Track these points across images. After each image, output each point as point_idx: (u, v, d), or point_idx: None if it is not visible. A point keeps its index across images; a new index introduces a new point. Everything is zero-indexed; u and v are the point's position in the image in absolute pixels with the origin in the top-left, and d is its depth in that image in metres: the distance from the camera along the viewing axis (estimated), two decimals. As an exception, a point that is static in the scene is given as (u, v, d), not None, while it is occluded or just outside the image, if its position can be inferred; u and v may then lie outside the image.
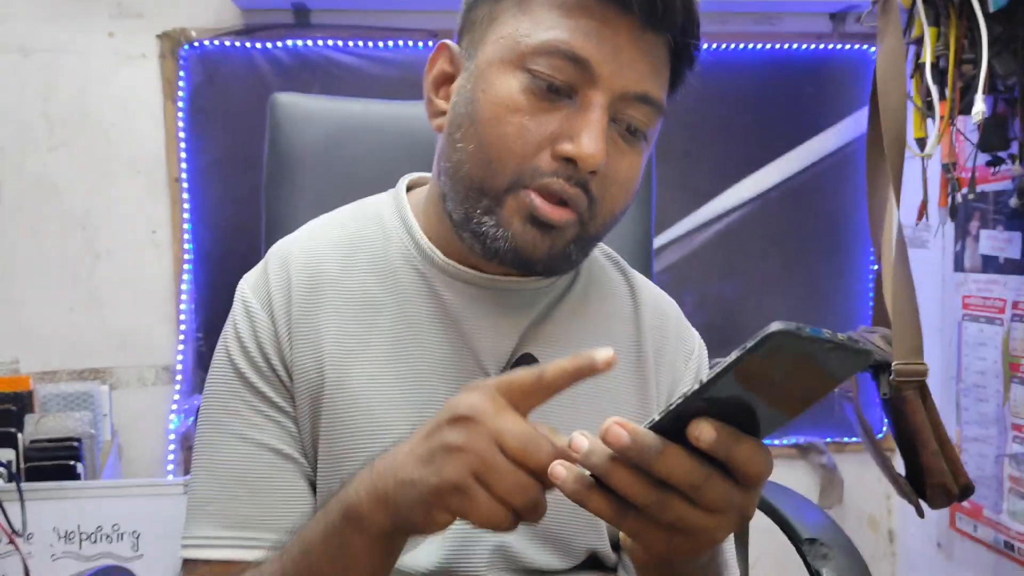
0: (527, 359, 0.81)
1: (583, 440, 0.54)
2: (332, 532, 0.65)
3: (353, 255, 0.84)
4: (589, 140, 0.71)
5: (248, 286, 0.84)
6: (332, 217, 0.90)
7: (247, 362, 0.80)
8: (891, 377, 1.37)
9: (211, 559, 0.77)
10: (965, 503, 1.80)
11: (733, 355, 0.48)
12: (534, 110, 0.73)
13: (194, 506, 0.80)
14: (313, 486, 0.81)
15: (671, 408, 0.52)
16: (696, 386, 0.50)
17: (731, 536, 0.90)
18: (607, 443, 0.52)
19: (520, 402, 0.59)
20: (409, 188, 0.91)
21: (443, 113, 0.81)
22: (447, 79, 0.81)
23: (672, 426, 0.52)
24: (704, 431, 0.50)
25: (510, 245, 0.75)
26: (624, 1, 0.71)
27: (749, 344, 0.47)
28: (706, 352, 0.94)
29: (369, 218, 0.87)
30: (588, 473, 0.55)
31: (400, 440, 0.65)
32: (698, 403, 0.51)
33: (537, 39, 0.73)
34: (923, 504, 1.50)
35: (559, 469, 0.55)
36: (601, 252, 0.94)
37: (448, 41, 0.82)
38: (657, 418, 0.52)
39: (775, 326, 0.46)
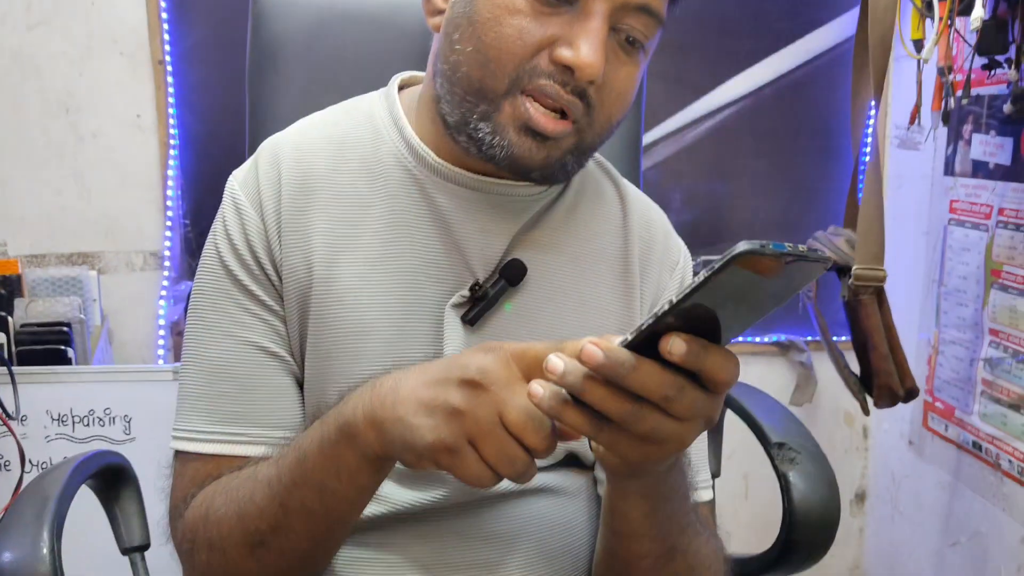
0: (515, 264, 0.82)
1: (558, 361, 0.55)
2: (327, 443, 0.68)
3: (344, 154, 0.84)
4: (588, 49, 0.71)
5: (238, 183, 0.84)
6: (323, 116, 0.89)
7: (236, 260, 0.81)
8: (850, 281, 1.39)
9: (201, 452, 0.80)
10: (938, 404, 1.85)
11: (701, 275, 0.50)
12: (534, 13, 0.72)
13: (184, 399, 0.82)
14: (300, 383, 0.83)
15: (643, 327, 0.53)
16: (667, 305, 0.52)
17: (705, 452, 0.93)
18: (582, 362, 0.53)
19: (533, 373, 0.60)
20: (401, 87, 0.89)
21: (441, 12, 0.80)
22: None
23: (645, 342, 0.54)
24: (675, 345, 0.52)
25: (506, 153, 0.75)
26: None
27: (716, 266, 0.48)
28: (691, 262, 0.95)
29: (360, 118, 0.87)
30: (564, 391, 0.57)
31: (402, 365, 0.67)
32: (668, 319, 0.53)
33: None
34: (870, 402, 1.56)
35: (536, 388, 0.57)
36: (593, 160, 0.93)
37: None
38: (630, 337, 0.54)
39: (741, 246, 0.47)
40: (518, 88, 0.73)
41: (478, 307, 0.81)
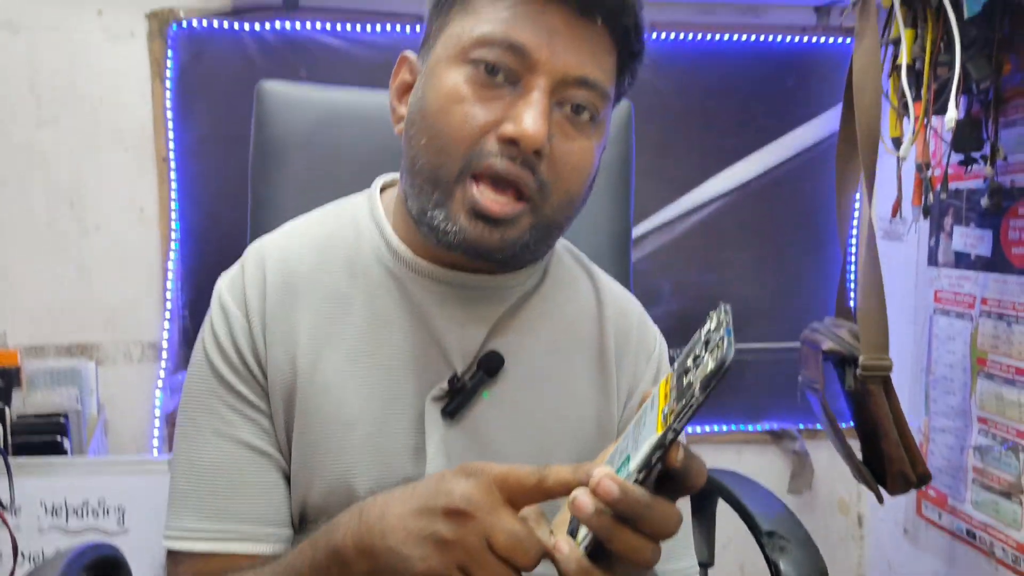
0: (493, 356, 0.84)
1: (587, 501, 0.57)
2: (319, 567, 0.69)
3: (327, 253, 0.87)
4: (529, 119, 0.73)
5: (224, 285, 0.87)
6: (309, 217, 0.93)
7: (223, 361, 0.83)
8: (857, 371, 1.41)
9: (193, 551, 0.81)
10: (931, 492, 1.86)
11: (698, 396, 0.53)
12: (478, 98, 0.76)
13: (175, 499, 0.83)
14: (287, 477, 0.84)
15: (652, 461, 0.56)
16: (671, 433, 0.55)
17: (687, 526, 0.94)
18: (596, 495, 0.56)
19: (516, 499, 0.62)
20: (384, 188, 0.93)
21: (403, 117, 0.84)
22: (408, 88, 0.85)
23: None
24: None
25: (460, 238, 0.77)
26: None
27: (714, 384, 0.52)
28: (666, 350, 0.97)
29: (344, 218, 0.90)
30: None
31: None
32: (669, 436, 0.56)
33: (478, 32, 0.76)
34: (883, 491, 1.55)
35: (563, 545, 0.59)
36: (565, 249, 0.97)
37: (408, 52, 0.86)
38: (637, 475, 0.57)
39: (730, 355, 0.52)
40: (469, 172, 0.76)
41: (456, 399, 0.83)
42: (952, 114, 1.36)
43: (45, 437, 1.61)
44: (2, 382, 1.72)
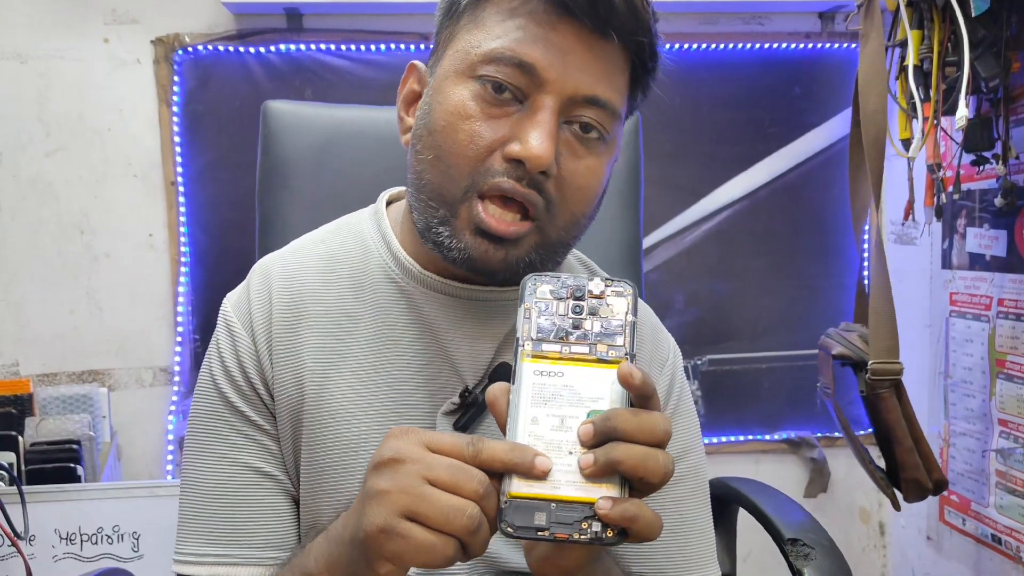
0: (505, 368, 0.83)
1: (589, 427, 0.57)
2: (334, 562, 0.67)
3: (333, 270, 0.86)
4: (536, 140, 0.72)
5: (230, 305, 0.86)
6: (313, 235, 0.92)
7: (229, 383, 0.82)
8: (867, 376, 1.40)
9: None
10: (954, 497, 1.83)
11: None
12: (485, 116, 0.74)
13: (183, 523, 0.83)
14: (295, 500, 0.83)
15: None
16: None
17: (711, 534, 0.92)
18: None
19: None
20: (390, 202, 0.93)
21: (410, 128, 0.83)
22: (416, 97, 0.84)
23: None
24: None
25: (464, 256, 0.76)
26: (567, 7, 0.72)
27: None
28: (680, 358, 0.95)
29: (349, 234, 0.89)
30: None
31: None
32: None
33: (486, 48, 0.75)
34: (900, 497, 1.53)
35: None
36: (577, 260, 0.96)
37: (417, 62, 0.85)
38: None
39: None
40: (475, 191, 0.75)
41: (469, 413, 0.82)
42: (963, 112, 1.35)
43: (58, 464, 1.61)
44: (15, 410, 1.72)
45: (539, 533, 0.56)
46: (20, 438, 1.63)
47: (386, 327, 0.83)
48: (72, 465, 1.62)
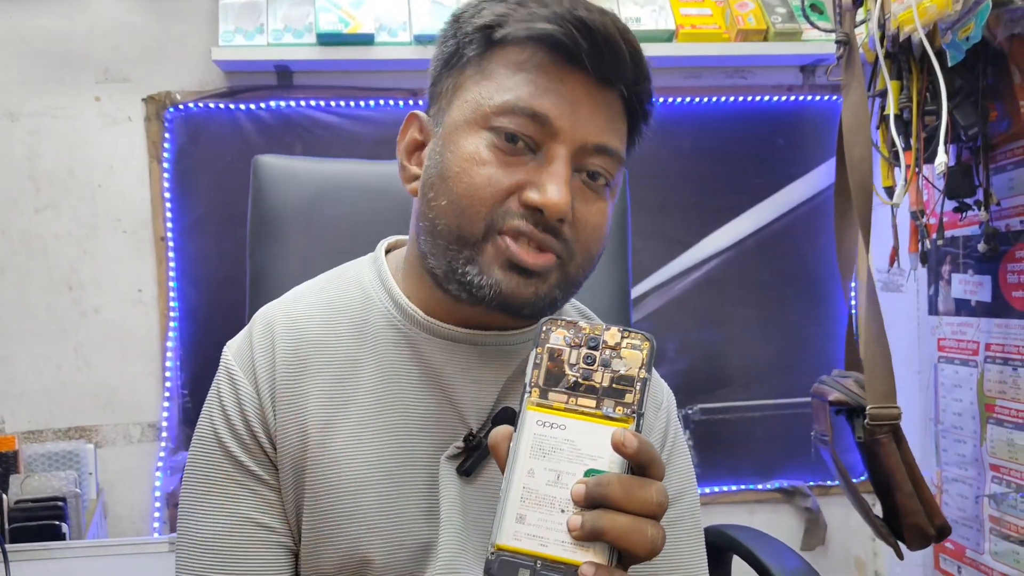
0: (508, 412, 0.83)
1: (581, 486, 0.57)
2: None
3: (335, 318, 0.86)
4: (554, 190, 0.74)
5: (232, 353, 0.85)
6: (313, 283, 0.92)
7: (230, 433, 0.82)
8: (865, 421, 1.39)
9: None
10: (948, 544, 1.82)
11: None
12: (500, 162, 0.76)
13: (179, 573, 0.81)
14: (293, 553, 0.83)
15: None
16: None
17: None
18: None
19: None
20: (388, 251, 0.93)
21: (416, 177, 0.84)
22: (418, 146, 0.85)
23: None
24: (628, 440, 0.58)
25: (495, 291, 0.77)
26: (577, 60, 0.75)
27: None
28: (674, 402, 0.96)
29: (349, 282, 0.90)
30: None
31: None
32: None
33: (499, 100, 0.77)
34: (902, 546, 1.51)
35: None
36: (572, 305, 0.96)
37: (418, 111, 0.86)
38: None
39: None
40: (495, 230, 0.76)
41: (472, 457, 0.82)
42: (942, 158, 1.37)
43: (43, 522, 1.59)
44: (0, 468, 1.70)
45: None
46: (4, 496, 1.61)
47: (389, 372, 0.83)
48: (57, 523, 1.60)
